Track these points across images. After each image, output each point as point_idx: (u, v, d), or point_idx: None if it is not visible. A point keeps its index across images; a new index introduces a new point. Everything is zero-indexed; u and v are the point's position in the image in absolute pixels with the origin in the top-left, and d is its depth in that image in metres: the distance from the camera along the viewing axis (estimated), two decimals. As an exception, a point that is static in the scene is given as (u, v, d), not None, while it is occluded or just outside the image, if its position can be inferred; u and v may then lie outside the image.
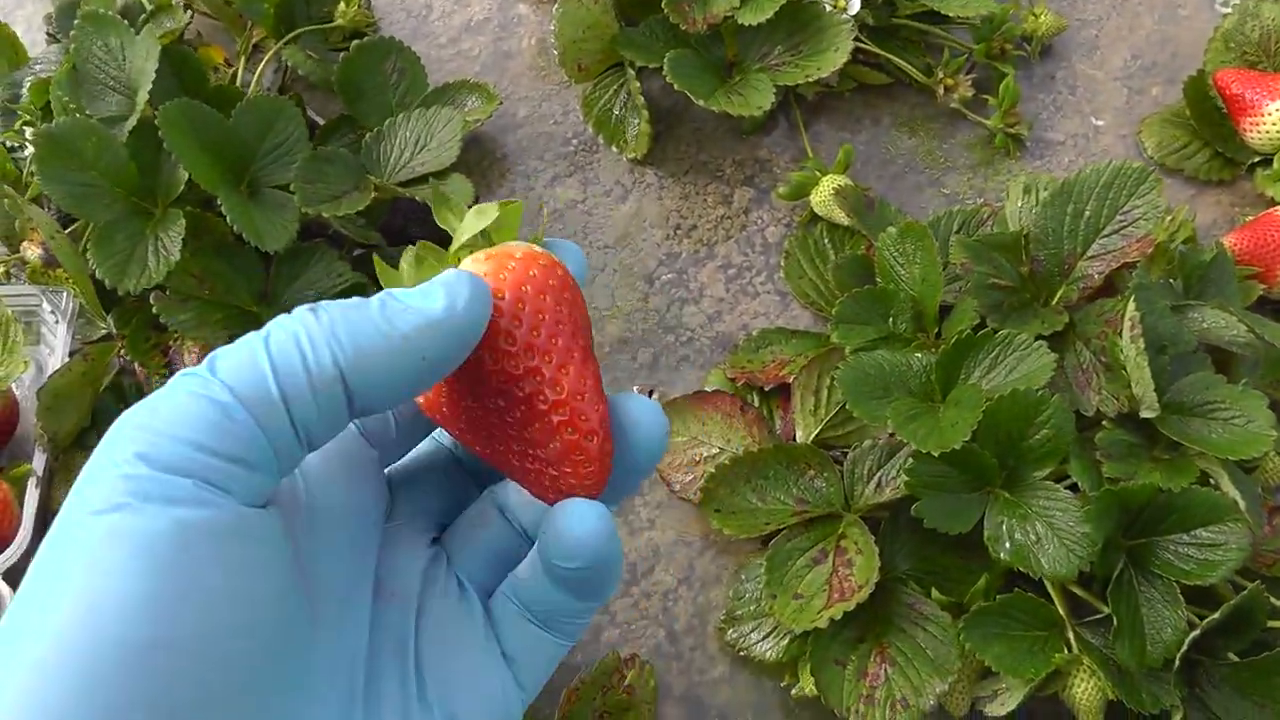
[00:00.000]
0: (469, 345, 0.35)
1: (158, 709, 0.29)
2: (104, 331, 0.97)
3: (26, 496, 0.88)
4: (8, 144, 1.02)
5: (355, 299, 0.34)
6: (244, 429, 0.31)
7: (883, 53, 1.07)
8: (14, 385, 0.91)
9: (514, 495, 0.42)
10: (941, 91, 1.08)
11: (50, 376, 0.89)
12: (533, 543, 0.41)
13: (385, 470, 0.42)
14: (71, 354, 0.94)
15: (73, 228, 0.98)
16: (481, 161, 1.08)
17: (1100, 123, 1.10)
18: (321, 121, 1.05)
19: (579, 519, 0.37)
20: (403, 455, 0.44)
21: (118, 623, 0.29)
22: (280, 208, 0.94)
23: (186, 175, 0.92)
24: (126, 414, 0.32)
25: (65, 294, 0.96)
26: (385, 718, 0.36)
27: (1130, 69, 1.12)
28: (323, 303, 0.34)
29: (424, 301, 0.34)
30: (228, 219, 0.89)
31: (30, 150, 0.98)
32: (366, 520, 0.40)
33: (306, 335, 0.32)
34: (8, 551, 0.85)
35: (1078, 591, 0.82)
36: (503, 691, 0.39)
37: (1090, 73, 1.12)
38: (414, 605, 0.40)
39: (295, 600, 0.34)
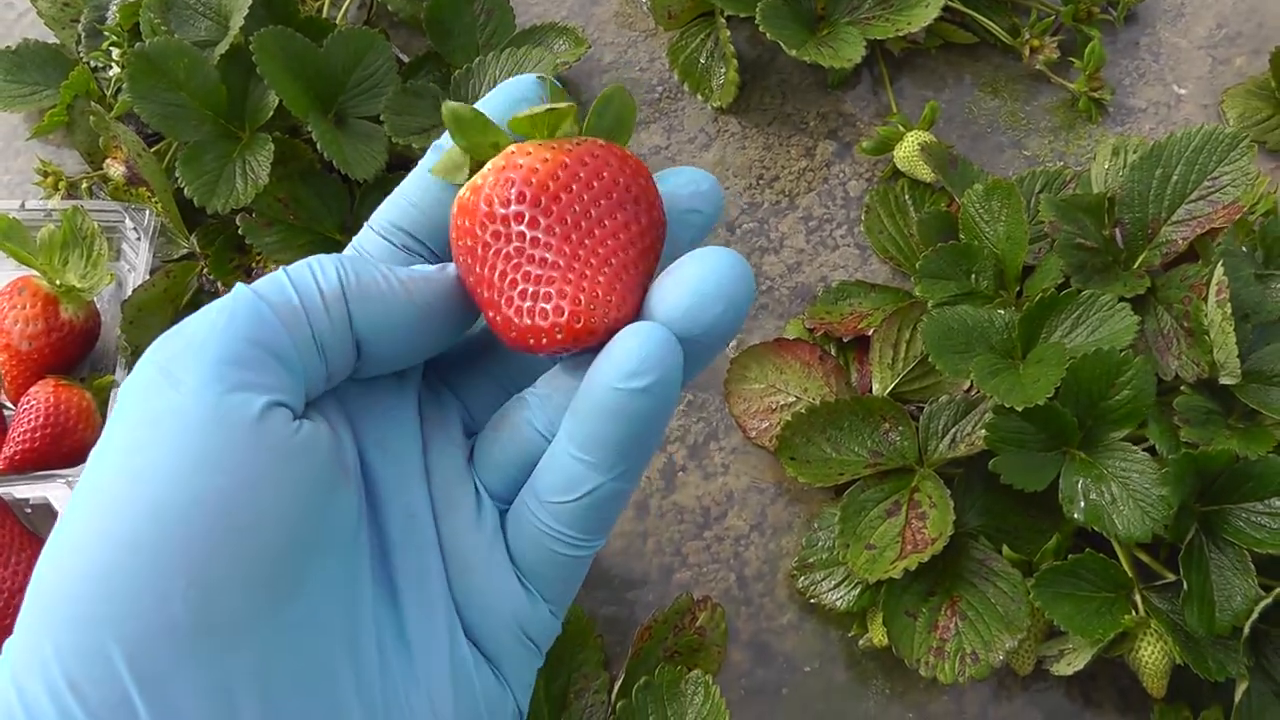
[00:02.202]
0: (463, 312, 0.39)
1: (197, 574, 0.31)
2: (185, 250, 0.98)
3: (109, 407, 0.89)
4: (92, 64, 1.02)
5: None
6: (272, 327, 0.34)
7: (970, 11, 1.07)
8: (96, 298, 0.92)
9: (545, 389, 0.40)
10: (1027, 53, 1.07)
11: (134, 290, 0.90)
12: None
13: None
14: (153, 271, 0.94)
15: (156, 148, 0.99)
16: (565, 104, 1.08)
17: (1183, 91, 1.09)
18: (405, 58, 1.05)
19: (647, 332, 0.34)
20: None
21: (160, 489, 0.31)
22: (368, 138, 0.94)
23: (275, 102, 0.93)
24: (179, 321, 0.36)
25: (147, 212, 0.97)
26: (409, 616, 0.38)
27: (1215, 38, 1.12)
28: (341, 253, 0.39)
29: (421, 264, 0.39)
30: (317, 145, 0.90)
31: (115, 71, 0.99)
32: (404, 415, 0.41)
33: (319, 264, 0.36)
34: (92, 459, 0.86)
35: (1143, 558, 0.83)
36: (525, 608, 0.39)
37: (1174, 40, 1.12)
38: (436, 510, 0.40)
39: (338, 488, 0.36)
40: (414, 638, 0.37)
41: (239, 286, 0.35)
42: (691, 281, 0.35)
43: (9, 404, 0.90)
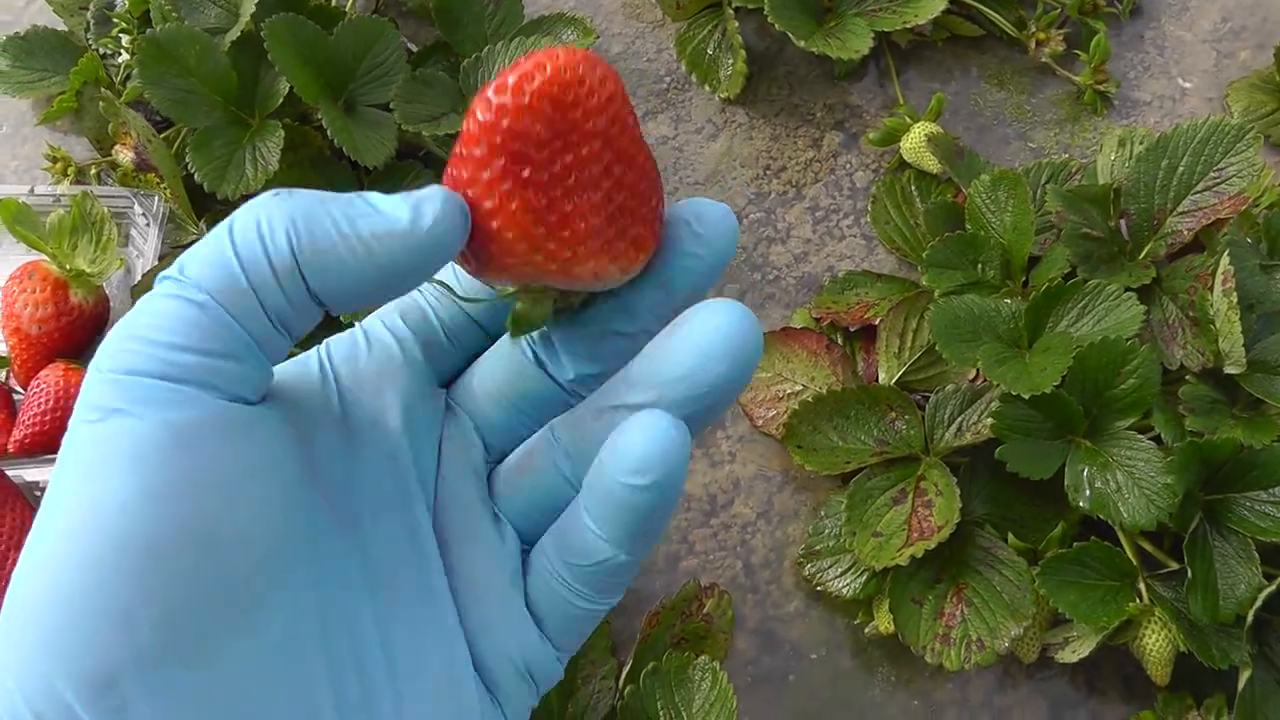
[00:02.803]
0: (435, 266, 0.33)
1: (163, 605, 0.29)
2: (194, 236, 0.99)
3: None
4: (101, 50, 1.03)
5: (333, 194, 0.33)
6: (217, 322, 0.31)
7: (977, 4, 1.07)
8: (105, 284, 0.92)
9: (569, 436, 0.39)
10: (1033, 45, 1.08)
11: (143, 276, 0.90)
12: (578, 491, 0.37)
13: (447, 384, 0.41)
14: (162, 257, 0.95)
15: (165, 134, 0.99)
16: (572, 94, 1.08)
17: (1187, 85, 1.10)
18: (414, 48, 1.06)
19: (653, 427, 0.33)
20: (461, 365, 0.41)
21: (117, 522, 0.29)
22: (377, 125, 0.95)
23: (285, 89, 0.94)
24: (117, 323, 0.32)
25: (156, 198, 0.98)
26: (399, 633, 0.36)
27: (1220, 32, 1.12)
28: (298, 190, 0.33)
29: (391, 208, 0.32)
30: (328, 132, 0.90)
31: (124, 57, 0.99)
32: (411, 431, 0.38)
33: (267, 222, 0.32)
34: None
35: (1147, 546, 0.83)
36: (533, 650, 0.38)
37: (1179, 34, 1.12)
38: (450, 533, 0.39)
39: (306, 500, 0.34)
40: (408, 658, 0.36)
41: (178, 279, 0.32)
42: (697, 339, 0.34)
43: (19, 388, 0.91)
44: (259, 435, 0.32)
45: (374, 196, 0.33)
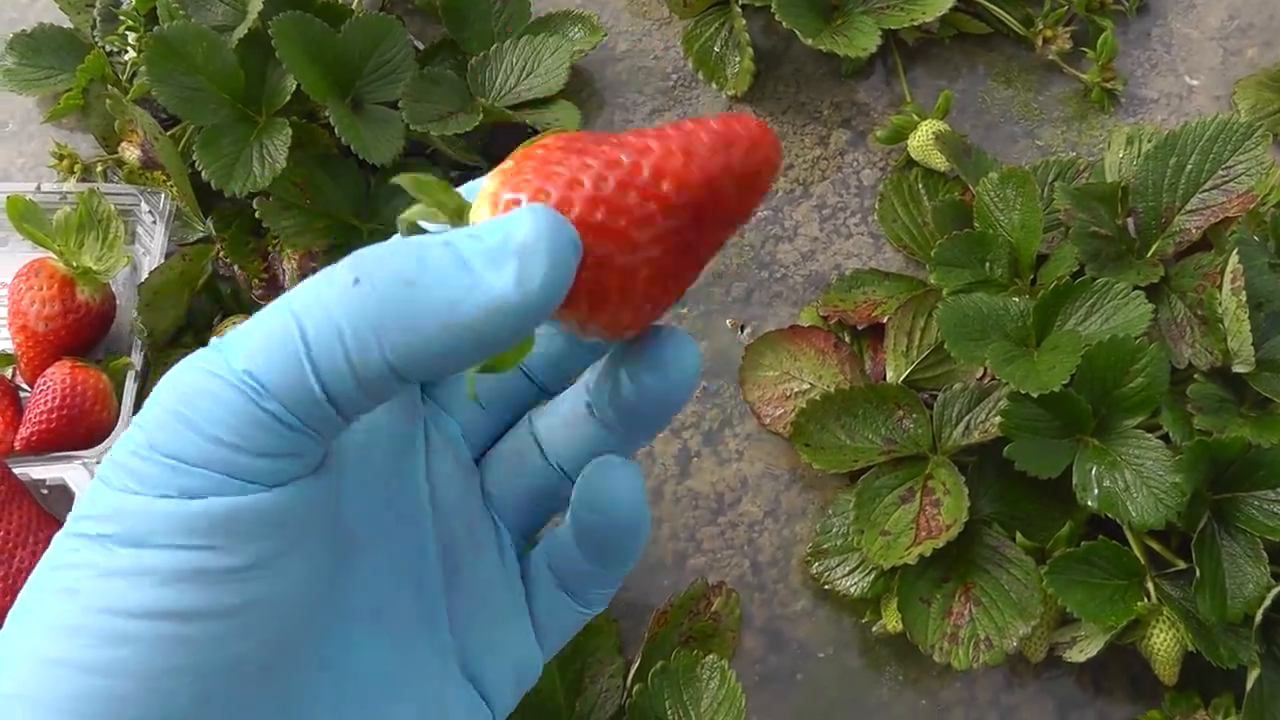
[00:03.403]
0: (541, 319, 0.29)
1: (190, 681, 0.28)
2: (201, 234, 0.99)
3: (125, 388, 0.89)
4: (108, 48, 1.03)
5: (418, 256, 0.28)
6: (288, 429, 0.29)
7: (984, 2, 1.07)
8: (111, 281, 0.92)
9: (553, 430, 0.39)
10: (1040, 43, 1.07)
11: (151, 273, 0.90)
12: (573, 482, 0.38)
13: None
14: (168, 255, 0.95)
15: (171, 132, 0.99)
16: (580, 92, 1.08)
17: (1195, 82, 1.09)
18: (421, 45, 1.05)
19: (610, 468, 0.35)
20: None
21: (142, 600, 0.28)
22: (385, 123, 0.95)
23: (293, 86, 0.94)
24: (163, 384, 0.29)
25: (163, 195, 0.98)
26: (411, 663, 0.36)
27: (1227, 29, 1.12)
28: (374, 272, 0.28)
29: (493, 273, 0.28)
30: (335, 130, 0.90)
31: (131, 55, 0.99)
32: (398, 446, 0.37)
33: (352, 332, 0.28)
34: (107, 441, 0.87)
35: (1155, 546, 0.83)
36: (529, 656, 0.39)
37: (1186, 31, 1.12)
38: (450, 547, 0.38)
39: (328, 560, 0.33)
40: (397, 668, 0.35)
41: (236, 372, 0.28)
42: (664, 383, 0.35)
43: (25, 385, 0.91)
44: (297, 514, 0.30)
45: (465, 248, 0.28)
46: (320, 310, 0.28)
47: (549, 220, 0.28)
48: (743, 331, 0.98)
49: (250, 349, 0.28)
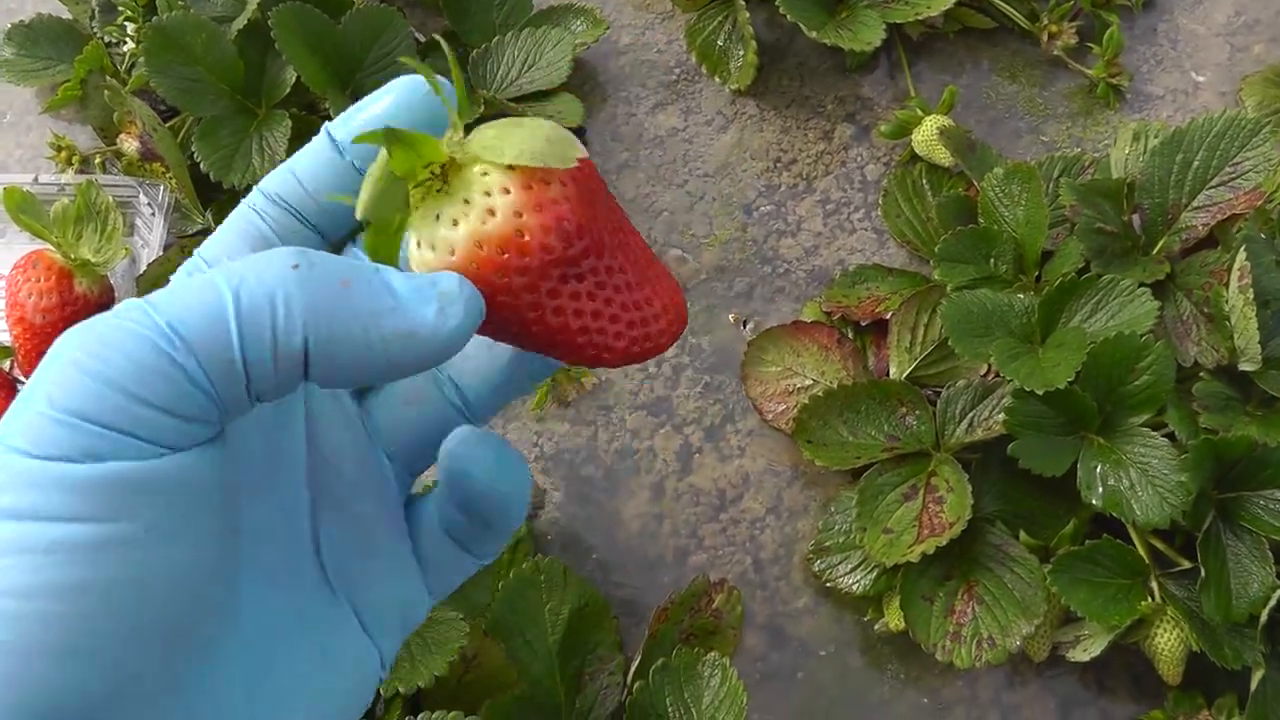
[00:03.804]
0: (437, 361, 0.31)
1: (89, 643, 0.27)
2: (200, 226, 0.98)
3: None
4: (106, 39, 1.02)
5: (354, 268, 0.30)
6: (197, 390, 0.28)
7: (989, -4, 1.07)
8: (110, 273, 0.92)
9: (455, 369, 0.39)
10: (1045, 38, 1.07)
11: (149, 265, 0.89)
12: (469, 417, 0.39)
13: None
14: (167, 246, 0.94)
15: (170, 123, 0.98)
16: (583, 85, 1.08)
17: (1201, 78, 1.09)
18: (421, 38, 1.05)
19: (472, 439, 0.35)
20: None
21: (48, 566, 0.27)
22: (385, 116, 0.94)
23: (293, 78, 0.93)
24: (67, 338, 0.28)
25: (161, 187, 0.97)
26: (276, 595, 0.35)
27: (1233, 25, 1.11)
28: (315, 264, 0.29)
29: (415, 305, 0.30)
30: (335, 123, 0.89)
31: (129, 46, 0.99)
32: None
33: (284, 307, 0.28)
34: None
35: (1159, 545, 0.82)
36: (414, 597, 0.38)
37: (1192, 27, 1.11)
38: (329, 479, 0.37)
39: (220, 522, 0.31)
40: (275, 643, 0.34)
41: (159, 326, 0.28)
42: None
43: (22, 377, 0.90)
44: (195, 477, 0.29)
45: (395, 280, 0.30)
46: (256, 280, 0.28)
47: (468, 286, 0.31)
48: (745, 327, 0.97)
49: (179, 305, 0.28)
